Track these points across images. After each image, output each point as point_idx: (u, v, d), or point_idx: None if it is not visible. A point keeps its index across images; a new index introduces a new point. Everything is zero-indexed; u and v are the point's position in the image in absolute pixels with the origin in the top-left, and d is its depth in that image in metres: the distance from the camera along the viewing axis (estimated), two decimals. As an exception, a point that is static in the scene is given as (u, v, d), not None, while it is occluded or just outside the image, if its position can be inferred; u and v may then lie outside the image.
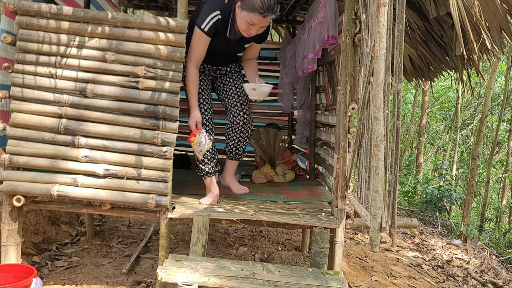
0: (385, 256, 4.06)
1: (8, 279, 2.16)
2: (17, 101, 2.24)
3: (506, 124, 11.01)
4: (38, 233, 3.17)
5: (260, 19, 2.38)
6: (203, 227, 2.27)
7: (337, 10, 2.62)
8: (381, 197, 1.77)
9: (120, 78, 2.28)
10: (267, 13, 2.36)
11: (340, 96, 2.38)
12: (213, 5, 2.45)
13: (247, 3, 2.35)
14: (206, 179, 2.67)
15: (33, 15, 2.22)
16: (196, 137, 2.50)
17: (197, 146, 2.52)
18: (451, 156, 11.65)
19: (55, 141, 2.26)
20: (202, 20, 2.43)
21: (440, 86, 12.56)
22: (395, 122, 1.91)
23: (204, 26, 2.43)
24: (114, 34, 2.26)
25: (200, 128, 2.54)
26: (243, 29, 2.45)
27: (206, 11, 2.44)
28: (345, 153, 2.38)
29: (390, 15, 1.80)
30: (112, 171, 2.26)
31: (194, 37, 2.47)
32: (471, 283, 3.96)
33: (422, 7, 2.94)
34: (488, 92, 8.25)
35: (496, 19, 2.63)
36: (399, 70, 1.87)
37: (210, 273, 2.03)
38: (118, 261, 2.94)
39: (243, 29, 2.45)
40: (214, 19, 2.43)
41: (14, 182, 2.25)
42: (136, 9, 4.64)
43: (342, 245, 2.45)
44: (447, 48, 3.33)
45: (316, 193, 3.07)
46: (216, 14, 2.44)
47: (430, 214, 7.40)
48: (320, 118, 3.47)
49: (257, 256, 3.32)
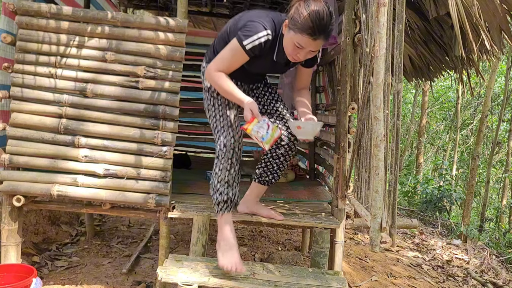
0: (385, 256, 4.06)
1: (8, 279, 2.15)
2: (17, 101, 2.24)
3: (506, 124, 11.01)
4: (38, 233, 3.17)
5: (310, 41, 1.93)
6: (203, 227, 2.27)
7: (337, 10, 2.62)
8: (381, 197, 1.76)
9: (120, 78, 2.28)
10: (318, 36, 1.92)
11: (340, 96, 2.38)
12: (265, 20, 2.03)
13: (295, 22, 1.92)
14: (224, 215, 2.16)
15: (33, 15, 2.22)
16: (253, 123, 2.01)
17: (255, 133, 2.01)
18: (451, 156, 11.65)
19: (55, 141, 2.26)
20: (246, 35, 1.99)
21: (440, 86, 12.57)
22: (395, 122, 1.91)
23: (247, 43, 1.99)
24: (114, 34, 2.27)
25: (258, 115, 2.02)
26: (289, 53, 2.03)
27: (254, 27, 2.00)
28: (345, 153, 2.38)
29: (390, 15, 1.80)
30: (112, 171, 2.26)
31: (231, 48, 2.04)
32: (471, 283, 3.96)
33: (422, 7, 2.94)
34: (488, 92, 8.26)
35: (495, 19, 2.63)
36: (399, 70, 1.87)
37: (210, 273, 2.03)
38: (118, 261, 2.94)
39: (288, 52, 2.03)
40: (262, 39, 2.00)
41: (14, 182, 2.25)
42: (136, 9, 4.64)
43: (342, 245, 2.45)
44: (446, 48, 3.33)
45: (316, 193, 3.07)
46: (265, 34, 2.00)
47: (430, 214, 7.40)
48: (320, 118, 3.47)
49: (257, 256, 3.32)
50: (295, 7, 1.95)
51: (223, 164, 2.15)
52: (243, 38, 1.99)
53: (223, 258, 2.05)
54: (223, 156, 2.15)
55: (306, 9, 1.90)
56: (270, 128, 2.03)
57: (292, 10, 1.97)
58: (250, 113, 2.01)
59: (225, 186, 2.16)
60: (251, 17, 2.07)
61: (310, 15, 1.88)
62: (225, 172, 2.15)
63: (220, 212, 2.16)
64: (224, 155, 2.15)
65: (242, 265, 2.05)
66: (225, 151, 2.15)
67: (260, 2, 4.10)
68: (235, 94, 2.08)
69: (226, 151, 2.14)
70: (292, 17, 1.95)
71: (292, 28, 1.95)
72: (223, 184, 2.16)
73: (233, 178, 2.18)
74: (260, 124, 2.02)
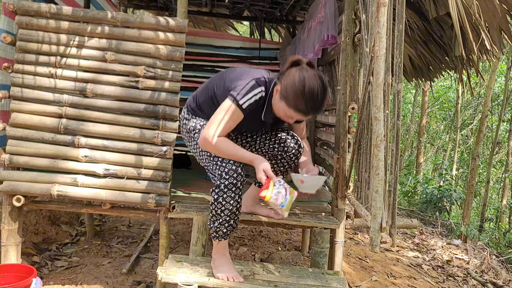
0: (385, 256, 4.06)
1: (8, 279, 2.15)
2: (17, 101, 2.24)
3: (506, 124, 11.01)
4: (38, 233, 3.17)
5: (302, 116, 1.97)
6: (203, 227, 2.27)
7: (337, 10, 2.62)
8: (381, 197, 1.77)
9: (120, 77, 2.28)
10: (311, 113, 1.96)
11: (340, 96, 2.38)
12: (258, 79, 1.98)
13: (288, 95, 1.88)
14: (221, 242, 2.08)
15: (32, 15, 2.22)
16: (269, 189, 1.90)
17: (274, 201, 1.90)
18: (451, 156, 11.65)
19: (55, 141, 2.25)
20: (241, 94, 1.93)
21: (440, 86, 12.56)
22: (395, 122, 1.91)
23: (243, 102, 1.93)
24: (114, 34, 2.26)
25: (273, 177, 1.92)
26: (280, 116, 2.02)
27: (249, 86, 1.95)
28: (345, 153, 2.38)
29: (390, 15, 1.80)
30: (112, 170, 2.26)
31: (226, 109, 1.94)
32: (471, 283, 3.96)
33: (422, 7, 2.94)
34: (488, 92, 8.26)
35: (495, 19, 2.63)
36: (399, 70, 1.87)
37: (210, 273, 2.03)
38: (118, 261, 2.94)
39: (279, 116, 2.02)
40: (257, 96, 1.96)
41: (14, 182, 2.25)
42: (136, 9, 4.64)
43: (342, 245, 2.45)
44: (446, 48, 3.34)
45: (316, 193, 3.06)
46: (260, 91, 1.96)
47: (430, 214, 7.40)
48: (320, 118, 3.47)
49: (257, 256, 3.32)
50: (290, 77, 1.89)
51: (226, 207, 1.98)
52: (238, 98, 1.92)
53: (219, 272, 2.01)
54: (225, 198, 1.96)
55: (300, 85, 1.85)
56: (288, 192, 1.94)
57: (286, 79, 1.90)
58: (264, 174, 1.91)
59: (230, 227, 2.04)
60: (241, 74, 2.01)
61: (304, 95, 1.84)
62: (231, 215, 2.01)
63: (218, 240, 2.06)
64: (226, 196, 1.96)
65: (239, 276, 2.01)
66: (226, 191, 1.95)
67: (260, 2, 4.11)
68: (242, 155, 1.97)
69: (228, 190, 1.95)
70: (286, 88, 1.89)
71: (285, 100, 1.90)
72: (228, 224, 2.03)
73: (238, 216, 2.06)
74: (277, 189, 1.91)
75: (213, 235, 2.05)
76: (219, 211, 1.99)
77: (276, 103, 1.98)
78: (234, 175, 1.95)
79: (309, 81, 1.85)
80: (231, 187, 1.95)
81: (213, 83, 2.13)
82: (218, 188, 1.96)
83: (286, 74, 1.93)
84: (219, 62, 4.77)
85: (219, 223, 2.01)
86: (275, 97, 1.98)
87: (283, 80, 1.92)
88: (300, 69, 1.89)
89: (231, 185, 1.94)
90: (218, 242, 2.07)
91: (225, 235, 2.04)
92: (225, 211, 1.98)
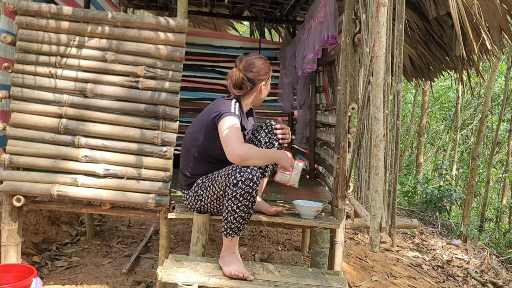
0: (385, 256, 4.06)
1: (8, 279, 2.16)
2: (17, 101, 2.24)
3: (506, 124, 11.01)
4: (38, 233, 3.17)
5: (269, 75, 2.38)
6: (203, 227, 2.27)
7: (337, 10, 2.62)
8: (381, 197, 1.77)
9: (120, 78, 2.28)
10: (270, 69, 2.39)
11: (340, 96, 2.38)
12: (227, 100, 2.28)
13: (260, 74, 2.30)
14: (233, 238, 2.14)
15: (33, 15, 2.22)
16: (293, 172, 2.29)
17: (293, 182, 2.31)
18: (451, 156, 11.66)
19: (55, 141, 2.26)
20: (227, 109, 2.17)
21: (440, 86, 12.57)
22: (395, 122, 1.91)
23: (234, 110, 2.19)
24: (114, 34, 2.27)
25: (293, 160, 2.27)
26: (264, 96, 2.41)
27: (225, 103, 2.22)
28: (345, 153, 2.38)
29: (390, 15, 1.80)
30: (112, 171, 2.26)
31: (227, 123, 2.12)
32: (471, 283, 3.96)
33: (422, 7, 2.94)
34: (488, 92, 8.26)
35: (495, 19, 2.63)
36: (399, 70, 1.87)
37: (210, 273, 2.03)
38: (118, 261, 2.94)
39: (265, 95, 2.40)
40: (237, 105, 2.24)
41: (14, 182, 2.25)
42: (136, 9, 4.64)
43: (342, 245, 2.45)
44: (447, 48, 3.34)
45: (316, 193, 3.07)
46: (235, 101, 2.26)
47: (430, 214, 7.40)
48: (320, 118, 3.47)
49: (257, 256, 3.32)
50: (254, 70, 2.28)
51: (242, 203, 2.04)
52: (227, 111, 2.16)
53: (228, 268, 2.04)
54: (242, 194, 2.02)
55: (254, 61, 2.29)
56: (301, 166, 2.28)
57: (253, 71, 2.28)
58: (291, 159, 2.22)
59: (244, 222, 2.10)
60: (216, 104, 2.27)
61: (261, 59, 2.31)
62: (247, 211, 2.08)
63: (231, 236, 2.11)
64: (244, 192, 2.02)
65: (250, 274, 2.03)
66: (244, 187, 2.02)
67: (260, 2, 4.10)
68: (267, 151, 2.24)
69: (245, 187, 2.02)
70: (258, 73, 2.28)
71: (265, 76, 2.31)
72: (242, 219, 2.09)
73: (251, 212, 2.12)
74: (296, 170, 2.27)
75: (226, 232, 2.11)
76: (235, 207, 2.04)
77: (257, 94, 2.34)
78: (253, 172, 2.05)
79: (246, 58, 2.30)
80: (248, 183, 2.02)
81: (202, 117, 2.30)
82: (236, 186, 2.03)
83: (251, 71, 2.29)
84: (219, 62, 4.77)
85: (234, 218, 2.07)
86: (263, 88, 2.35)
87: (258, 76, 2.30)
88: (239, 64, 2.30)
89: (248, 180, 2.02)
90: (231, 239, 2.12)
91: (238, 230, 2.11)
92: (241, 206, 2.04)
